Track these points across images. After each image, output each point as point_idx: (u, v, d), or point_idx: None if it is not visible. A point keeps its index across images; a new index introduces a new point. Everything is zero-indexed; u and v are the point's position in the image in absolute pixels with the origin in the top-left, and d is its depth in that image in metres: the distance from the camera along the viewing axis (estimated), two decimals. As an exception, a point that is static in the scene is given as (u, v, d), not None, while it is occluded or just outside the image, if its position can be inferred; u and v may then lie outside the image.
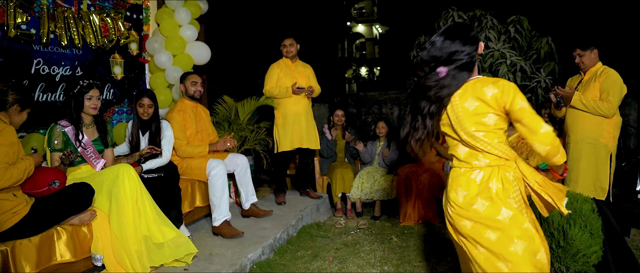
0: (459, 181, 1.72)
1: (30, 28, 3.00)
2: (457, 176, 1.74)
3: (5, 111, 2.30)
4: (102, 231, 2.57)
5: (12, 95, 2.30)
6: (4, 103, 2.29)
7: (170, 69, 3.92)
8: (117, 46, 3.70)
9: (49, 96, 3.19)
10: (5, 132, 2.22)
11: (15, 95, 2.31)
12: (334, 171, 4.53)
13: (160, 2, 4.04)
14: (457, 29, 1.74)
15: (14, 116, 2.33)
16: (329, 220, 4.37)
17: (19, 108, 2.35)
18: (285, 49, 4.20)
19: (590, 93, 3.17)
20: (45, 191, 2.39)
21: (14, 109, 2.32)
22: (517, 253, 1.57)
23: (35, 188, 2.39)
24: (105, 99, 3.66)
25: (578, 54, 3.22)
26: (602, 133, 3.11)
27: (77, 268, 2.52)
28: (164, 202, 2.96)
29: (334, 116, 4.75)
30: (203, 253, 3.01)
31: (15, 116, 2.34)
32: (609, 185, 3.11)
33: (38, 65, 3.09)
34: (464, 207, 1.68)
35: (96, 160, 2.81)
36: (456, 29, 1.74)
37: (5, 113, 2.30)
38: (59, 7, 3.17)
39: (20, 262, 2.21)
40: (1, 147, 2.16)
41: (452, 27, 1.75)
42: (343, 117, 4.72)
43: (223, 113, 4.36)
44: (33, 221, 2.28)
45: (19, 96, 2.33)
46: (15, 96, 2.31)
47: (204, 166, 3.38)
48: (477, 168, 1.69)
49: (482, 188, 1.66)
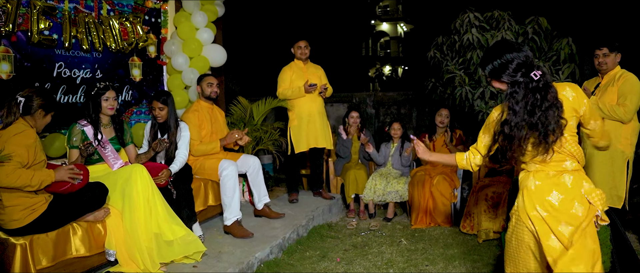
0: (551, 184, 1.74)
1: (52, 33, 3.16)
2: (545, 178, 1.75)
3: (30, 115, 2.43)
4: (115, 228, 2.69)
5: (37, 100, 2.44)
6: (29, 108, 2.42)
7: (186, 71, 4.04)
8: (135, 49, 3.84)
9: (70, 98, 3.35)
10: (25, 134, 2.35)
11: (40, 100, 2.45)
12: (347, 172, 4.55)
13: (178, 5, 4.16)
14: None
15: (39, 120, 2.47)
16: (341, 220, 4.40)
17: (44, 112, 2.48)
18: (300, 51, 4.25)
19: (608, 97, 3.07)
20: (69, 188, 2.53)
21: (39, 113, 2.46)
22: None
23: (58, 184, 2.53)
24: (124, 101, 3.81)
25: (604, 53, 3.11)
26: (619, 138, 3.02)
27: (91, 263, 2.65)
28: (176, 201, 3.08)
29: (349, 117, 4.75)
30: (213, 251, 3.10)
31: (40, 120, 2.48)
32: (626, 193, 3.01)
33: (60, 68, 3.25)
34: (562, 211, 1.70)
35: (114, 160, 2.96)
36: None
37: (31, 117, 2.44)
38: (80, 13, 3.32)
39: (37, 255, 2.35)
40: (18, 147, 2.29)
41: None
42: (358, 118, 4.72)
43: (238, 114, 4.46)
44: (50, 218, 2.41)
45: (44, 101, 2.47)
46: (40, 101, 2.45)
47: (216, 167, 3.47)
48: (565, 172, 1.74)
49: (575, 191, 1.71)
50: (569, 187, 1.71)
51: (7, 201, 2.29)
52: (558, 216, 1.69)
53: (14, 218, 2.29)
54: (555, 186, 1.73)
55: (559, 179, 1.73)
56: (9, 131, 2.33)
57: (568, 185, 1.72)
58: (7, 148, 2.25)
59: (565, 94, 1.72)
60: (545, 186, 1.74)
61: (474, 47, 4.50)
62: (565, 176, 1.73)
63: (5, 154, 2.20)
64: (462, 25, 4.61)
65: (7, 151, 2.23)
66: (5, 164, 2.23)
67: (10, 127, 2.35)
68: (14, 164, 2.25)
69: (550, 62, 4.39)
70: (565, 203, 1.70)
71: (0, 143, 2.27)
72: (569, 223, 1.68)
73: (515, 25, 4.50)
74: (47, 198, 2.45)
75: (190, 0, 4.02)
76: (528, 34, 4.38)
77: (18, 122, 2.38)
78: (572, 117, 1.72)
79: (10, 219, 2.29)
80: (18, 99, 2.40)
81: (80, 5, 3.33)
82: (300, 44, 4.25)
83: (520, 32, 4.47)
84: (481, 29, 4.56)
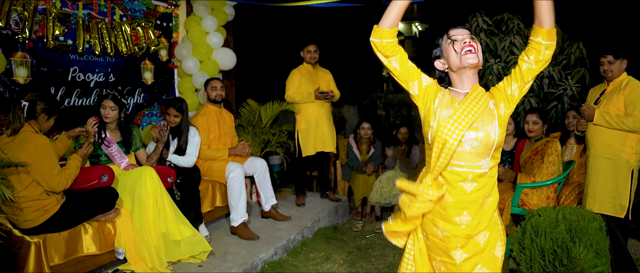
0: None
1: (67, 39, 3.28)
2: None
3: (35, 120, 2.55)
4: (125, 228, 2.80)
5: (41, 104, 2.55)
6: (33, 112, 2.53)
7: (196, 75, 4.14)
8: (147, 53, 3.95)
9: (84, 101, 3.48)
10: (42, 147, 2.46)
11: (43, 104, 2.56)
12: (356, 175, 4.60)
13: (189, 10, 4.26)
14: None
15: (43, 124, 2.59)
16: (347, 222, 4.45)
17: (46, 116, 2.59)
18: (310, 55, 4.29)
19: (613, 105, 3.04)
20: (95, 185, 2.69)
21: (42, 117, 2.57)
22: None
23: (86, 182, 2.69)
24: (136, 103, 3.93)
25: (609, 60, 3.09)
26: (623, 148, 2.98)
27: (101, 261, 2.76)
28: (183, 203, 3.18)
29: (360, 129, 4.72)
30: (218, 251, 3.19)
31: (44, 124, 2.59)
32: (630, 203, 2.98)
33: (74, 73, 3.38)
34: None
35: (121, 159, 3.08)
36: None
37: (35, 122, 2.55)
38: (94, 19, 3.44)
39: (50, 253, 2.47)
40: (46, 161, 2.45)
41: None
42: (369, 130, 4.66)
43: (246, 116, 4.54)
44: (62, 218, 2.53)
45: (46, 105, 2.57)
46: (43, 105, 2.56)
47: (224, 169, 3.56)
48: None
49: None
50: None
51: (23, 202, 2.41)
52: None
53: (27, 219, 2.41)
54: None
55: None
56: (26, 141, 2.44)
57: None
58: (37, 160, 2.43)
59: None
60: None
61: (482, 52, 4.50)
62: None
63: (22, 162, 2.35)
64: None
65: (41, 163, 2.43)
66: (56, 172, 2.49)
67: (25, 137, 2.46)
68: (56, 172, 2.50)
69: (560, 67, 4.36)
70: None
71: (24, 152, 2.40)
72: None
73: (525, 29, 4.48)
74: (59, 199, 2.56)
75: (200, 5, 4.11)
76: (537, 39, 4.35)
77: (26, 130, 2.49)
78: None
79: (25, 219, 2.42)
80: (22, 104, 2.51)
81: (94, 12, 3.45)
82: (310, 48, 4.30)
83: (529, 36, 4.45)
84: (489, 34, 4.55)
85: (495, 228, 1.54)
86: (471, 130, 1.45)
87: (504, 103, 1.49)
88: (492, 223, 1.53)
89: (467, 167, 1.47)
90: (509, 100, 1.49)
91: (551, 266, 2.38)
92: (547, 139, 3.44)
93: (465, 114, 1.45)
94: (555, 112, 4.27)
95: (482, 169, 1.48)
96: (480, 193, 1.48)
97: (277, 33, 8.59)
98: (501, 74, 4.25)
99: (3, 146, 2.44)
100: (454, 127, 1.44)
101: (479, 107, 1.46)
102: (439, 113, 1.49)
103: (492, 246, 1.52)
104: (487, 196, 1.50)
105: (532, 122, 3.46)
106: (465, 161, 1.47)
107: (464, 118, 1.45)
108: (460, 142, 1.45)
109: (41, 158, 2.43)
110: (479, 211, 1.50)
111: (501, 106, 1.49)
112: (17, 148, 2.40)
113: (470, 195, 1.48)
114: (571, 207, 2.50)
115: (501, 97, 1.50)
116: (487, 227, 1.51)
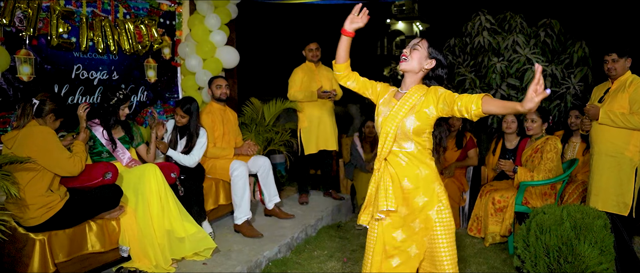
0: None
1: (70, 37, 3.29)
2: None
3: (41, 118, 2.55)
4: (129, 225, 2.80)
5: (50, 105, 2.56)
6: (41, 111, 2.54)
7: (200, 73, 4.14)
8: (150, 51, 3.95)
9: (87, 99, 3.48)
10: (49, 135, 2.47)
11: (52, 105, 2.57)
12: (359, 173, 4.59)
13: (192, 8, 4.26)
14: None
15: (49, 123, 2.59)
16: (350, 221, 4.45)
17: (54, 117, 2.60)
18: (312, 53, 4.29)
19: (618, 104, 3.04)
20: (99, 182, 2.68)
21: (50, 117, 2.57)
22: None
23: (90, 180, 2.68)
24: (139, 101, 3.93)
25: (613, 58, 3.09)
26: (627, 146, 2.98)
27: (105, 258, 2.76)
28: (186, 198, 3.18)
29: (364, 127, 4.72)
30: (222, 249, 3.19)
31: (50, 124, 2.60)
32: (633, 201, 2.98)
33: (78, 70, 3.38)
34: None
35: (123, 154, 3.09)
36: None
37: (42, 120, 2.55)
38: (97, 17, 3.44)
39: (55, 250, 2.47)
40: (54, 147, 2.47)
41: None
42: (374, 128, 4.71)
43: (249, 114, 4.54)
44: (66, 216, 2.53)
45: (56, 107, 2.58)
46: (52, 106, 2.56)
47: (227, 167, 3.56)
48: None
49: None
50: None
51: (28, 199, 2.41)
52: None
53: (32, 216, 2.41)
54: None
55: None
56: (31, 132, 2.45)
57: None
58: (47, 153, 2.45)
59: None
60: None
61: (485, 50, 4.50)
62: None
63: (26, 157, 2.35)
64: (474, 28, 4.61)
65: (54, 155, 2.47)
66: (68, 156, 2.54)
67: (30, 129, 2.47)
68: (68, 156, 2.54)
69: (563, 65, 4.37)
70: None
71: (31, 144, 2.41)
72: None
73: (527, 27, 4.48)
74: (63, 196, 2.56)
75: (204, 3, 4.11)
76: (540, 37, 4.36)
77: (33, 124, 2.50)
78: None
79: (29, 217, 2.41)
80: (33, 102, 2.53)
81: (98, 9, 3.46)
82: (312, 46, 4.30)
83: (531, 35, 4.45)
84: (492, 32, 4.55)
85: (434, 195, 1.95)
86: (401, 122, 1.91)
87: (433, 106, 1.86)
88: (430, 190, 1.94)
89: (398, 146, 1.96)
90: (436, 109, 1.87)
91: (556, 263, 2.38)
92: (547, 137, 3.45)
93: (395, 112, 1.90)
94: (559, 110, 4.27)
95: (408, 149, 1.94)
96: (413, 165, 1.94)
97: (280, 31, 8.59)
98: (504, 72, 4.24)
99: (7, 142, 2.46)
100: (388, 121, 1.92)
101: (408, 106, 1.89)
102: (380, 110, 2.00)
103: (429, 208, 1.94)
104: (418, 168, 1.94)
105: (531, 120, 3.48)
106: (398, 145, 1.96)
107: (394, 115, 1.90)
108: (395, 131, 1.90)
109: (49, 145, 2.45)
110: (416, 179, 1.94)
111: (431, 107, 1.86)
112: (22, 140, 2.41)
113: (405, 167, 1.95)
114: (576, 205, 2.51)
115: (433, 101, 1.86)
116: (425, 193, 1.93)
